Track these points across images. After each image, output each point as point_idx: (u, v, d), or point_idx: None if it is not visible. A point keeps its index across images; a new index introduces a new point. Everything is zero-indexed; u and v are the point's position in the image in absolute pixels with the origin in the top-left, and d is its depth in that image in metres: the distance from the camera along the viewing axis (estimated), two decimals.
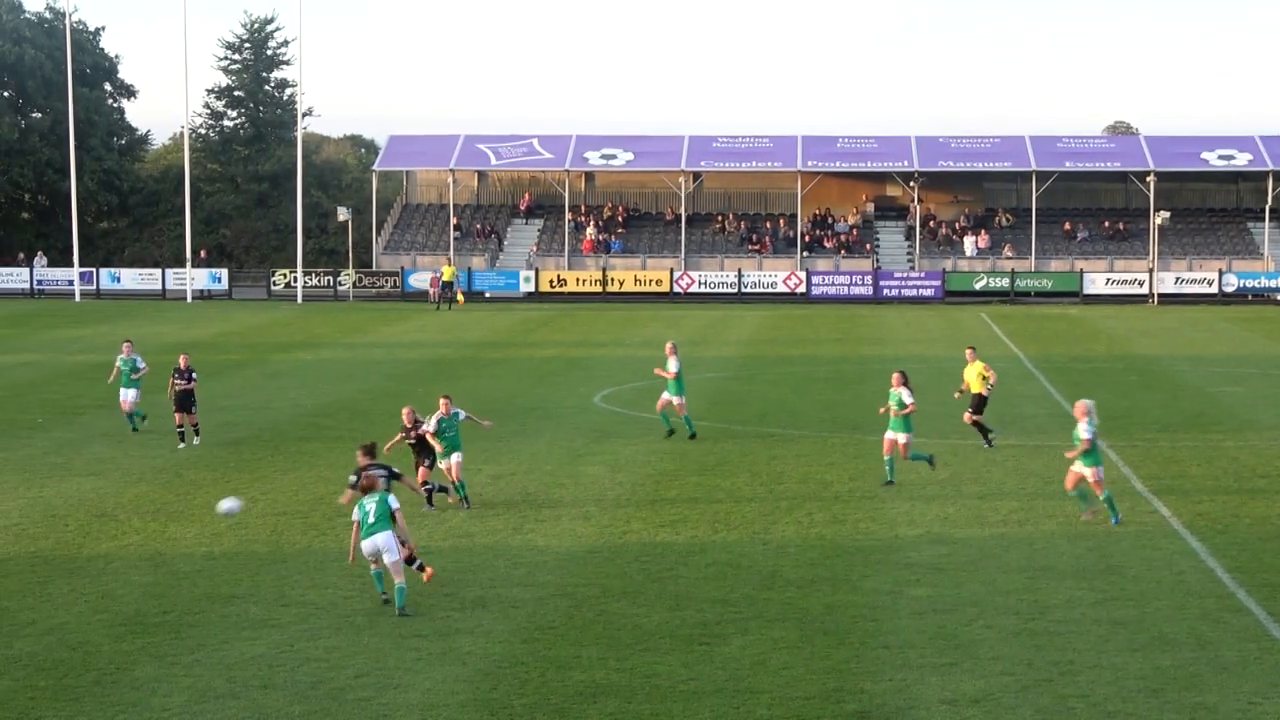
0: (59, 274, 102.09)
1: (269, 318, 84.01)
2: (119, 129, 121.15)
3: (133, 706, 20.53)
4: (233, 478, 36.22)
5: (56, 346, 65.98)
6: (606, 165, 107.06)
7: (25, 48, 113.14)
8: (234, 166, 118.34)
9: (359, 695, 20.92)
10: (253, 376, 56.33)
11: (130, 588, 26.36)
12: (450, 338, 71.99)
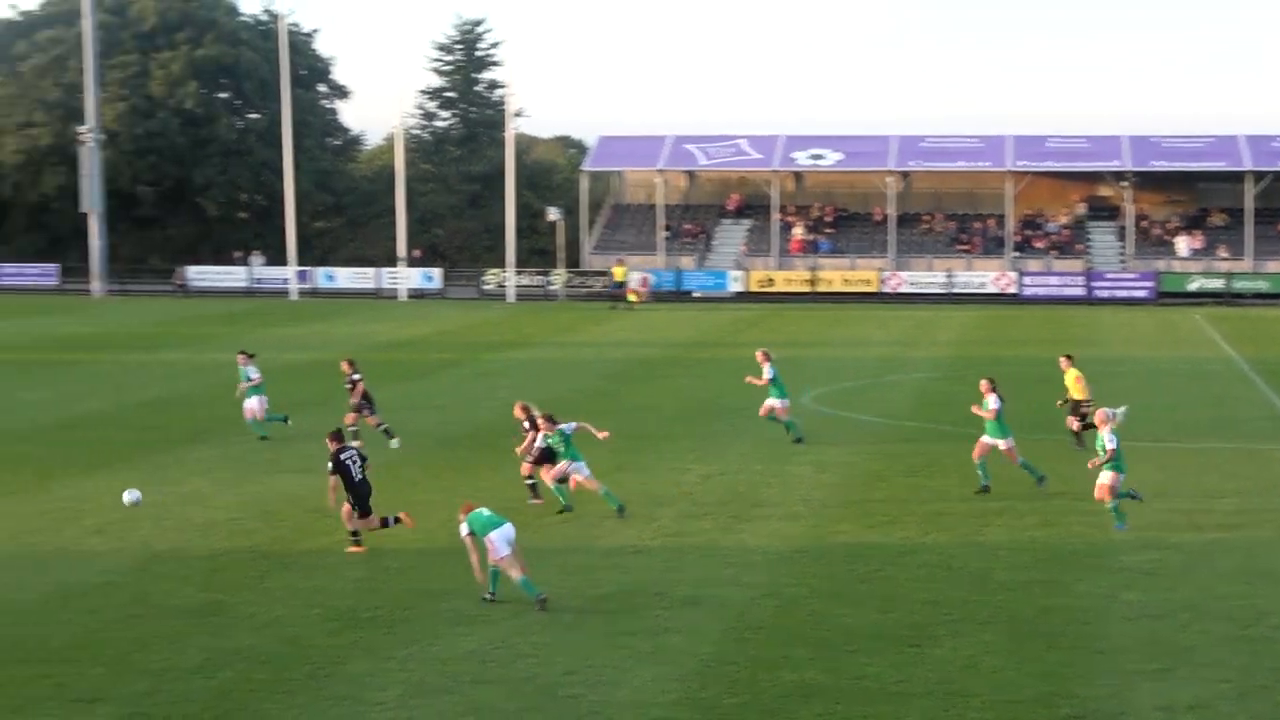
0: (275, 273, 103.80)
1: (480, 317, 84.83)
2: (333, 129, 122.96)
3: (346, 700, 20.86)
4: (444, 475, 36.64)
5: (272, 344, 67.09)
6: (815, 165, 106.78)
7: (243, 50, 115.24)
8: (446, 167, 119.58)
9: (570, 692, 21.09)
10: (465, 375, 56.94)
11: (344, 583, 26.78)
12: (658, 337, 72.22)
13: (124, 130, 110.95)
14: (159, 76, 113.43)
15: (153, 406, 47.90)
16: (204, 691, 21.14)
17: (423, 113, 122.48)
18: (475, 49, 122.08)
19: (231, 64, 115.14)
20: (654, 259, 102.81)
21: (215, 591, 26.21)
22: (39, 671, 21.87)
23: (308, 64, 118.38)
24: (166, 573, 27.52)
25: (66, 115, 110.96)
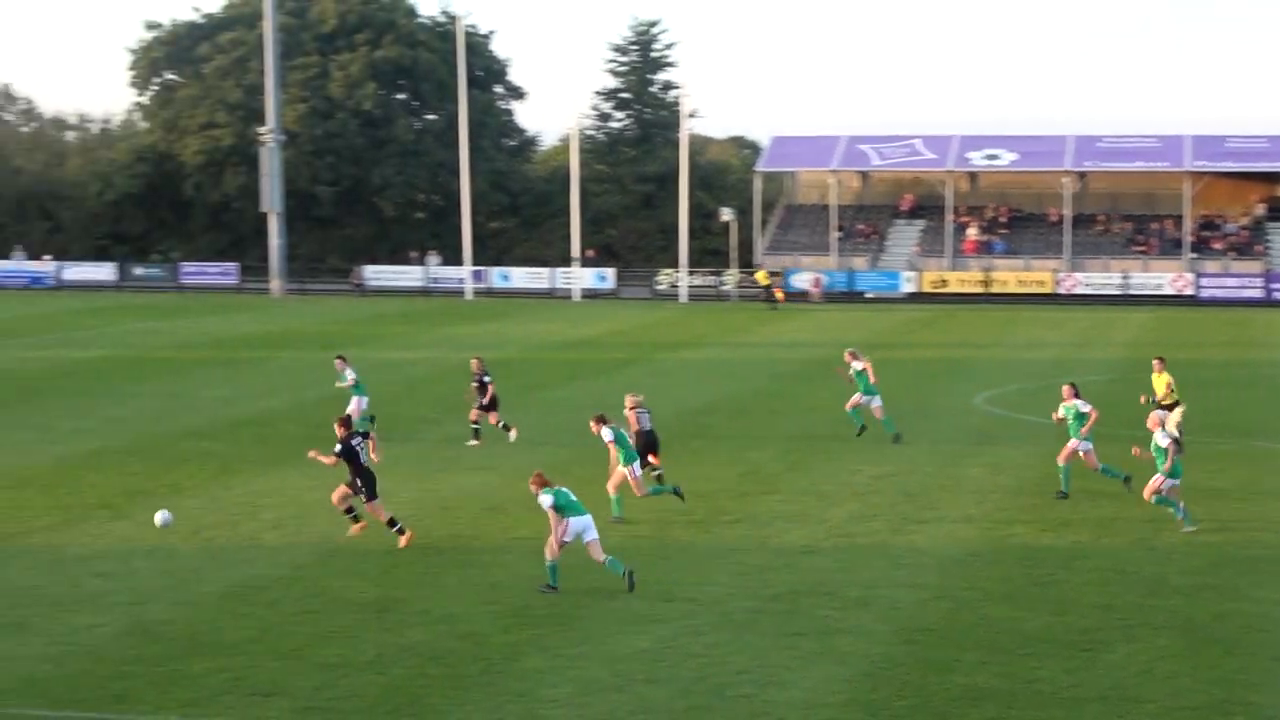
0: (451, 272, 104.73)
1: (653, 317, 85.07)
2: (509, 130, 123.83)
3: (520, 696, 21.04)
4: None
5: (448, 343, 67.71)
6: (990, 165, 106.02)
7: (420, 52, 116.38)
8: (621, 167, 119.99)
9: (741, 692, 21.14)
10: (637, 374, 57.13)
11: (518, 580, 26.99)
12: (830, 338, 72.02)
13: (304, 131, 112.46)
14: (338, 78, 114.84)
15: (329, 404, 48.46)
16: (377, 686, 21.42)
17: (598, 114, 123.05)
18: (650, 50, 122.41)
19: (409, 65, 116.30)
20: (826, 259, 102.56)
21: (390, 587, 26.53)
22: (216, 664, 22.27)
23: (484, 65, 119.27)
24: (343, 567, 27.90)
25: (247, 116, 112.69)
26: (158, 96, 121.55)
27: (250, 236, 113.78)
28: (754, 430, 43.12)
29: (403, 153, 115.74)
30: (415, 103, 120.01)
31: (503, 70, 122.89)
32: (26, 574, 27.30)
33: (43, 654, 22.72)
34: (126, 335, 72.15)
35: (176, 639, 23.49)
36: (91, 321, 78.82)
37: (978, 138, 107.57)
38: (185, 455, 39.33)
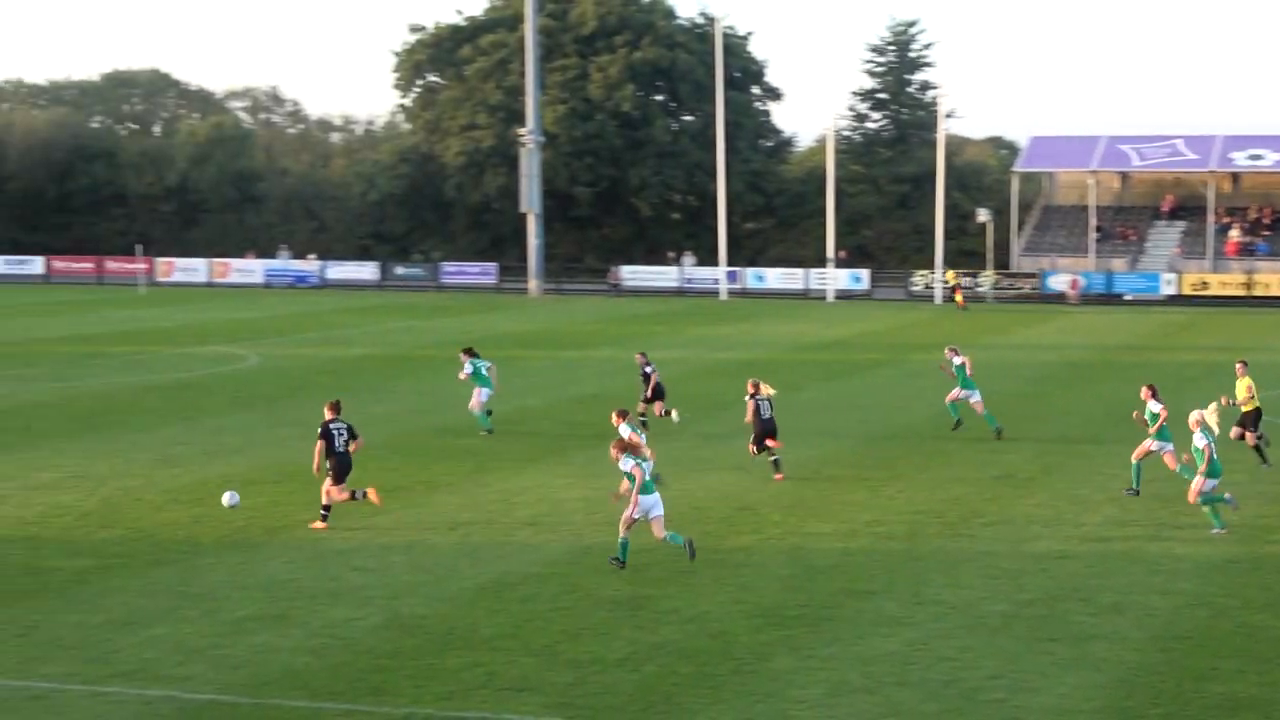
0: (706, 273, 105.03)
1: (908, 318, 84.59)
2: (765, 131, 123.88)
3: (770, 697, 21.07)
4: (870, 475, 36.69)
5: (702, 343, 67.94)
6: (1254, 166, 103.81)
7: (679, 53, 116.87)
8: (876, 168, 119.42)
9: (991, 697, 20.97)
10: (892, 376, 56.89)
11: (769, 580, 27.03)
12: (1088, 340, 71.09)
13: (563, 132, 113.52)
14: (597, 79, 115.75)
15: (585, 403, 48.96)
16: (628, 684, 21.58)
17: (854, 114, 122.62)
18: (908, 50, 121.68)
19: (668, 67, 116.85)
20: (1085, 261, 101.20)
21: (642, 585, 26.70)
22: (471, 660, 22.59)
23: (741, 66, 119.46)
24: (596, 565, 28.13)
25: (508, 118, 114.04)
26: (420, 98, 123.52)
27: (509, 237, 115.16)
28: (1009, 432, 42.67)
29: (660, 154, 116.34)
30: (673, 104, 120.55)
31: (760, 71, 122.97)
32: (287, 568, 27.93)
33: (302, 646, 23.23)
34: (387, 334, 73.47)
35: (432, 634, 23.88)
36: (353, 320, 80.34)
37: (1241, 138, 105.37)
38: (443, 452, 39.94)
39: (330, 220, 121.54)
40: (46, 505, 33.06)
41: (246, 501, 33.27)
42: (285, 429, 43.32)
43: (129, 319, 79.67)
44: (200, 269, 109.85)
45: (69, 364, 59.55)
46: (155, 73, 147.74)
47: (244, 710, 20.54)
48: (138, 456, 38.93)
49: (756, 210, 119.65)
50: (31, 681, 21.52)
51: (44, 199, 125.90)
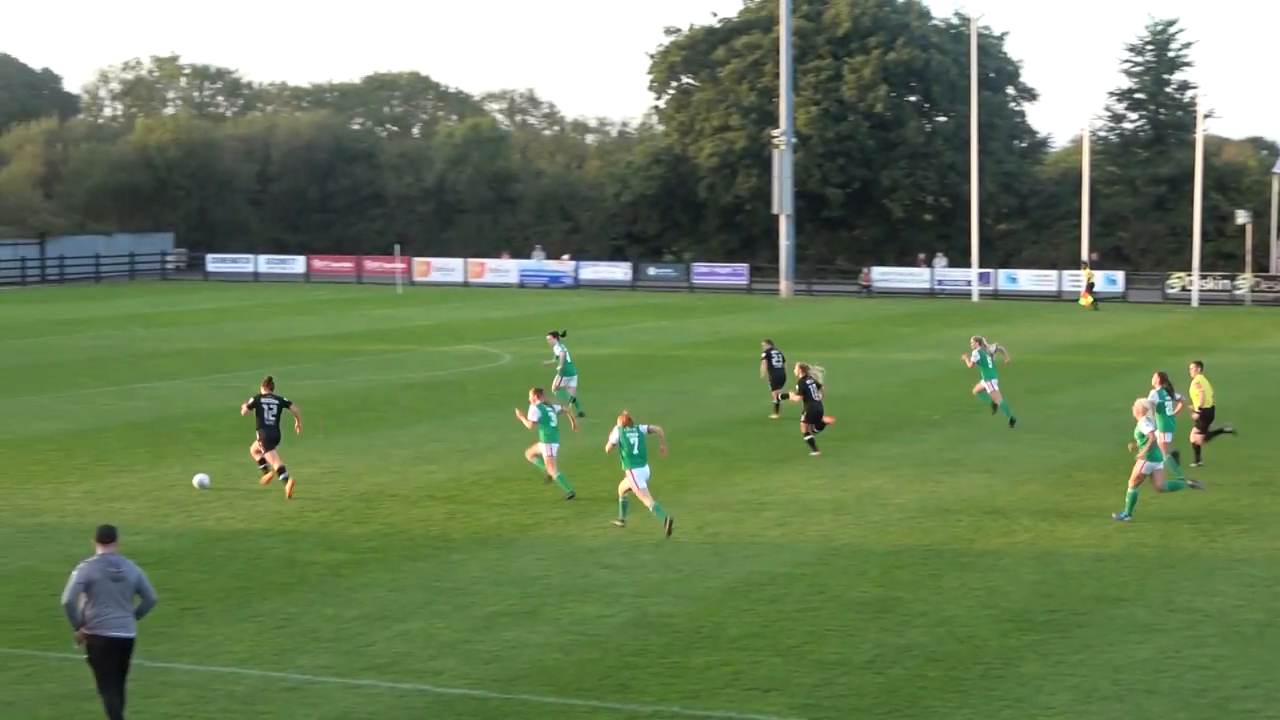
0: (958, 274, 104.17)
1: (1163, 321, 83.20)
2: (1019, 132, 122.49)
3: (1018, 702, 20.94)
4: (1122, 480, 36.15)
5: (954, 345, 67.38)
6: None
7: (933, 53, 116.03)
8: (1132, 169, 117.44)
9: (1245, 707, 20.62)
10: (1145, 379, 55.92)
11: (1018, 585, 26.83)
12: None
13: (815, 134, 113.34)
14: (850, 80, 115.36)
15: (834, 404, 48.80)
16: (874, 686, 21.56)
17: (1110, 114, 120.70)
18: (1167, 50, 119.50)
19: (921, 67, 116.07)
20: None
21: (890, 588, 26.66)
22: (718, 659, 22.72)
23: (996, 66, 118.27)
24: (844, 566, 28.13)
25: (761, 119, 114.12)
26: (674, 100, 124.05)
27: (760, 238, 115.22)
28: (1268, 437, 41.84)
29: (912, 155, 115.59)
30: (926, 105, 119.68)
31: (1015, 71, 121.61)
32: (538, 564, 28.30)
33: (552, 642, 23.53)
34: (638, 333, 73.94)
35: (679, 632, 24.05)
36: (605, 320, 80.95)
37: None
38: (692, 452, 40.12)
39: (584, 221, 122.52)
40: (304, 500, 33.83)
41: (498, 499, 33.79)
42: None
43: (386, 318, 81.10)
44: (456, 269, 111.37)
45: (328, 362, 60.80)
46: (415, 75, 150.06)
47: (494, 705, 20.87)
48: (393, 453, 39.66)
49: (1009, 212, 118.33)
50: (288, 673, 22.06)
51: (306, 199, 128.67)
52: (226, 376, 55.32)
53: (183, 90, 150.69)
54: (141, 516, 32.19)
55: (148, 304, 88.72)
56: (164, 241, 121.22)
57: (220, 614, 24.98)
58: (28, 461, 38.18)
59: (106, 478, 36.30)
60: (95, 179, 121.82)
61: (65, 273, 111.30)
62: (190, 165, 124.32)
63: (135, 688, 21.18)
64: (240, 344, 66.80)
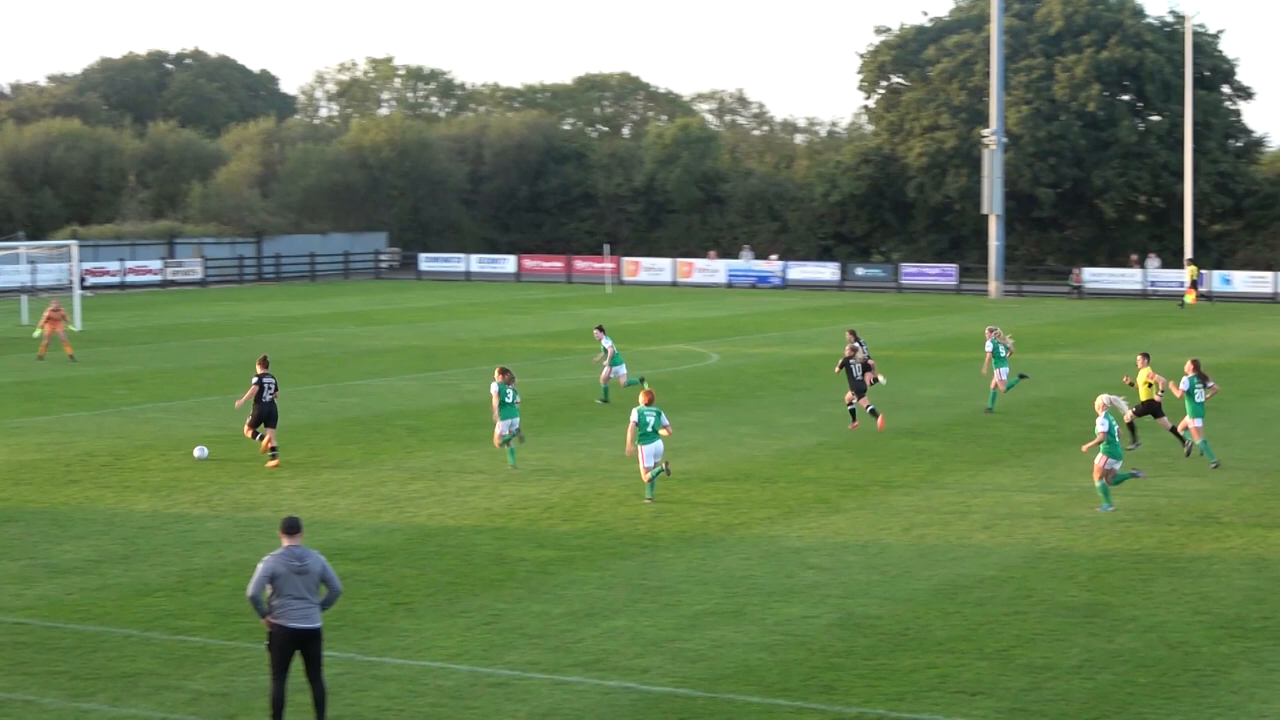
0: (1171, 275, 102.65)
1: None
2: (1235, 131, 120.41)
3: (1230, 710, 20.66)
4: None
5: (1166, 347, 66.41)
6: None
7: (1146, 52, 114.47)
8: None
9: None
10: None
11: (1231, 591, 26.45)
12: None
13: (1025, 133, 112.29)
14: (1062, 79, 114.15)
15: (1044, 405, 48.42)
16: (1082, 692, 21.38)
17: None
18: None
19: (1134, 66, 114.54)
20: None
21: (1099, 592, 26.40)
22: (923, 661, 22.65)
23: (1211, 65, 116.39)
24: (1052, 570, 27.90)
25: (971, 119, 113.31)
26: (884, 100, 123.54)
27: (969, 238, 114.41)
28: None
29: (1125, 154, 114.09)
30: (1139, 104, 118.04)
31: (1230, 70, 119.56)
32: (744, 564, 28.38)
33: (757, 642, 23.60)
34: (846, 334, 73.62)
35: (885, 634, 24.01)
36: (812, 320, 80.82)
37: None
38: (899, 452, 39.99)
39: (792, 221, 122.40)
40: (513, 497, 34.20)
41: (704, 498, 33.92)
42: (744, 427, 43.88)
43: (595, 317, 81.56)
44: (665, 268, 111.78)
45: (537, 360, 61.35)
46: (625, 76, 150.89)
47: (699, 703, 20.98)
48: (602, 451, 39.94)
49: (1224, 212, 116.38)
50: (496, 668, 22.34)
51: (517, 199, 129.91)
52: (438, 374, 56.05)
53: (397, 91, 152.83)
54: (354, 512, 32.74)
55: (361, 302, 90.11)
56: (377, 240, 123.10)
57: (430, 609, 25.35)
58: (244, 457, 38.97)
59: (320, 473, 36.96)
60: (311, 179, 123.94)
61: (281, 271, 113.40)
62: (404, 165, 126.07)
63: (347, 681, 21.60)
64: (451, 342, 67.63)
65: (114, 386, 52.51)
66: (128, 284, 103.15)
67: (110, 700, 20.96)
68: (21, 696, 21.07)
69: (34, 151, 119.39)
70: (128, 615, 24.92)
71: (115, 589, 26.55)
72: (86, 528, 31.16)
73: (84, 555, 28.89)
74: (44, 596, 26.02)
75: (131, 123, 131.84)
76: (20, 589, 26.47)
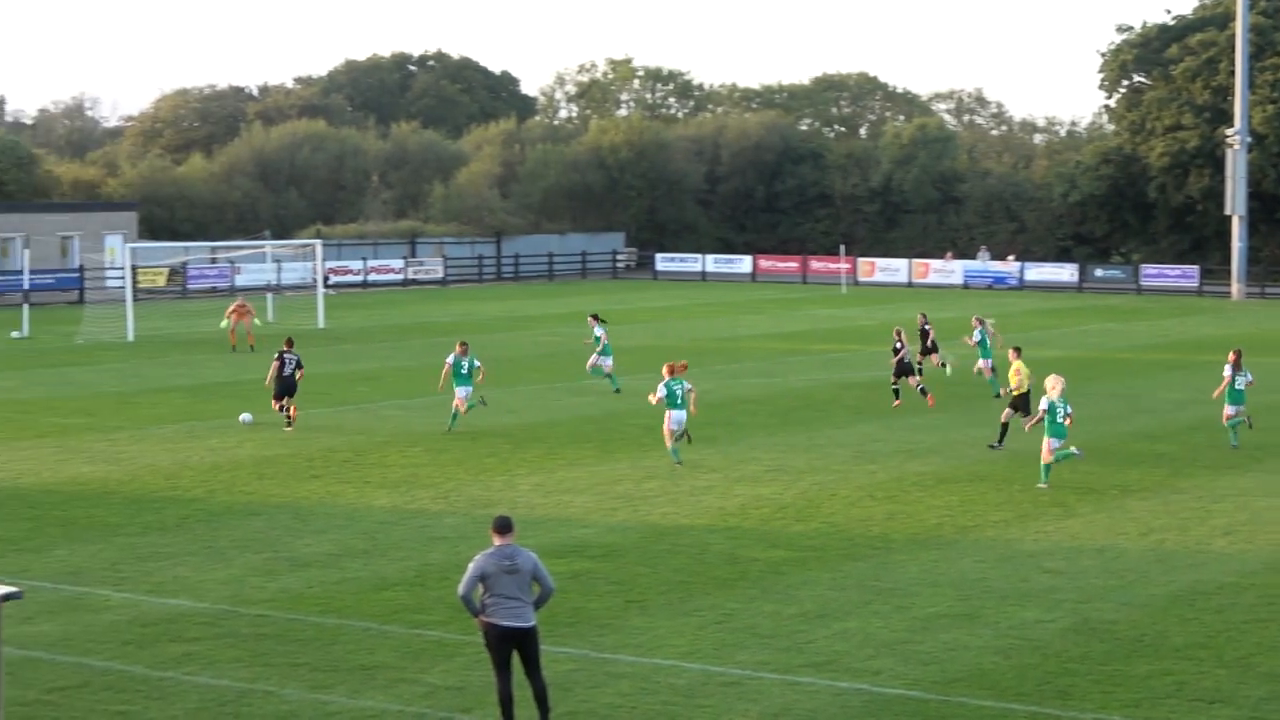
0: None
1: None
2: None
3: None
4: None
5: None
6: None
7: None
8: None
9: None
10: None
11: None
12: None
13: (1271, 133, 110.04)
14: None
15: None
16: None
17: None
18: None
19: None
20: None
21: None
22: (1160, 668, 22.35)
23: None
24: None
25: (1214, 118, 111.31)
26: (1125, 99, 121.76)
27: (1211, 239, 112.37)
28: None
29: None
30: None
31: None
32: (978, 567, 28.20)
33: (991, 646, 23.46)
34: (1083, 336, 72.88)
35: (1121, 639, 23.73)
36: (1050, 321, 79.97)
37: None
38: (1137, 456, 39.48)
39: (1030, 221, 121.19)
40: (747, 497, 34.31)
41: (938, 500, 33.78)
42: (979, 430, 43.55)
43: (830, 317, 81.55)
44: (901, 269, 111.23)
45: (772, 360, 61.41)
46: (863, 76, 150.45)
47: (932, 706, 20.91)
48: (835, 452, 39.91)
49: None
50: (728, 668, 22.44)
51: (753, 199, 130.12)
52: None
53: (635, 92, 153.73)
54: (589, 510, 33.05)
55: (598, 301, 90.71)
56: (615, 241, 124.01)
57: (663, 607, 25.52)
58: (481, 453, 39.52)
59: (556, 471, 37.36)
60: (550, 179, 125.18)
61: (520, 270, 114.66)
62: (641, 166, 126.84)
63: (580, 677, 21.84)
64: (686, 342, 67.90)
65: (355, 384, 53.50)
66: (370, 283, 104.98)
67: (349, 692, 21.39)
68: (263, 687, 21.57)
69: (280, 152, 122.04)
70: (366, 609, 25.41)
71: (354, 583, 27.07)
72: (327, 522, 31.81)
73: (324, 549, 29.49)
74: (285, 589, 26.61)
75: (375, 124, 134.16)
76: (263, 582, 27.10)
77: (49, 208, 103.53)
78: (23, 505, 33.31)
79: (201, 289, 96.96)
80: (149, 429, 43.58)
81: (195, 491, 34.84)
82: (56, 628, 24.17)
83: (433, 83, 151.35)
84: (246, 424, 43.44)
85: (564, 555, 28.61)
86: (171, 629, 24.22)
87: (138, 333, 68.67)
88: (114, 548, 29.48)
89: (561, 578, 26.95)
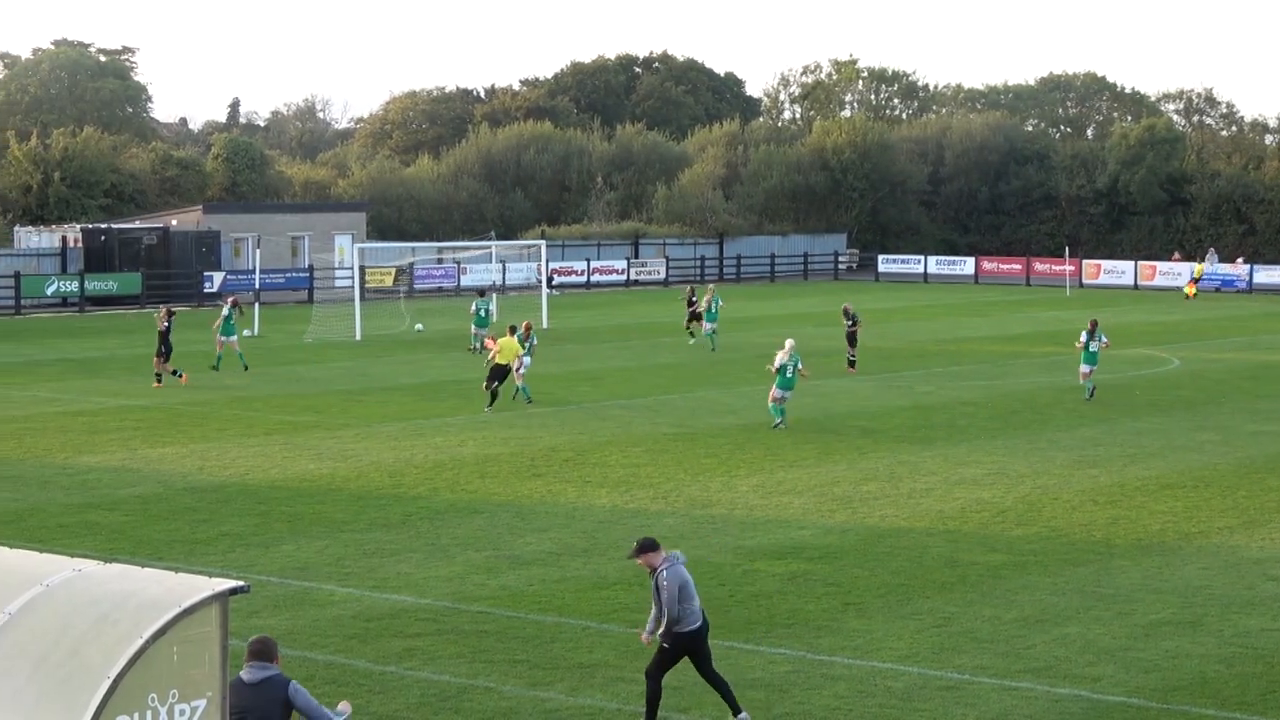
0: None
1: None
2: None
3: None
4: None
5: None
6: None
7: None
8: None
9: None
10: None
11: None
12: None
13: None
14: None
15: None
16: None
17: None
18: None
19: None
20: None
21: None
22: None
23: None
24: None
25: None
26: None
27: None
28: None
29: None
30: None
31: None
32: (1202, 574, 27.80)
33: (1214, 654, 23.13)
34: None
35: None
36: (1278, 325, 78.43)
37: None
38: None
39: (1260, 223, 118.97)
40: (966, 500, 34.11)
41: (1162, 505, 33.36)
42: (1205, 434, 42.92)
43: (1053, 320, 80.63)
44: (1127, 271, 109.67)
45: (993, 363, 60.92)
46: (1090, 76, 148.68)
47: (1152, 714, 20.69)
48: (1056, 456, 39.53)
49: None
50: (946, 671, 22.36)
51: (976, 201, 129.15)
52: (892, 376, 56.12)
53: (859, 93, 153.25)
54: (808, 511, 33.06)
55: (819, 303, 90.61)
56: (837, 242, 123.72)
57: (881, 610, 25.48)
58: (700, 454, 39.66)
59: (775, 472, 37.39)
60: (772, 180, 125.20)
61: (742, 271, 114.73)
62: (864, 167, 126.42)
63: (797, 679, 21.90)
64: (907, 344, 67.61)
65: (577, 383, 53.92)
66: (593, 283, 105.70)
67: (567, 690, 21.62)
68: (483, 684, 21.87)
69: (506, 153, 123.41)
70: (586, 607, 25.64)
71: (574, 581, 27.33)
72: (548, 521, 32.12)
73: (545, 548, 29.79)
74: (506, 587, 26.93)
75: (600, 125, 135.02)
76: (484, 579, 27.44)
77: (280, 208, 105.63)
78: (251, 501, 34.03)
79: (428, 289, 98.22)
80: (374, 426, 44.28)
81: (419, 489, 35.36)
82: (282, 622, 24.67)
83: (657, 84, 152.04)
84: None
85: (782, 557, 28.67)
86: (394, 624, 24.64)
87: (365, 332, 69.75)
88: (339, 544, 30.02)
89: (779, 579, 27.06)
